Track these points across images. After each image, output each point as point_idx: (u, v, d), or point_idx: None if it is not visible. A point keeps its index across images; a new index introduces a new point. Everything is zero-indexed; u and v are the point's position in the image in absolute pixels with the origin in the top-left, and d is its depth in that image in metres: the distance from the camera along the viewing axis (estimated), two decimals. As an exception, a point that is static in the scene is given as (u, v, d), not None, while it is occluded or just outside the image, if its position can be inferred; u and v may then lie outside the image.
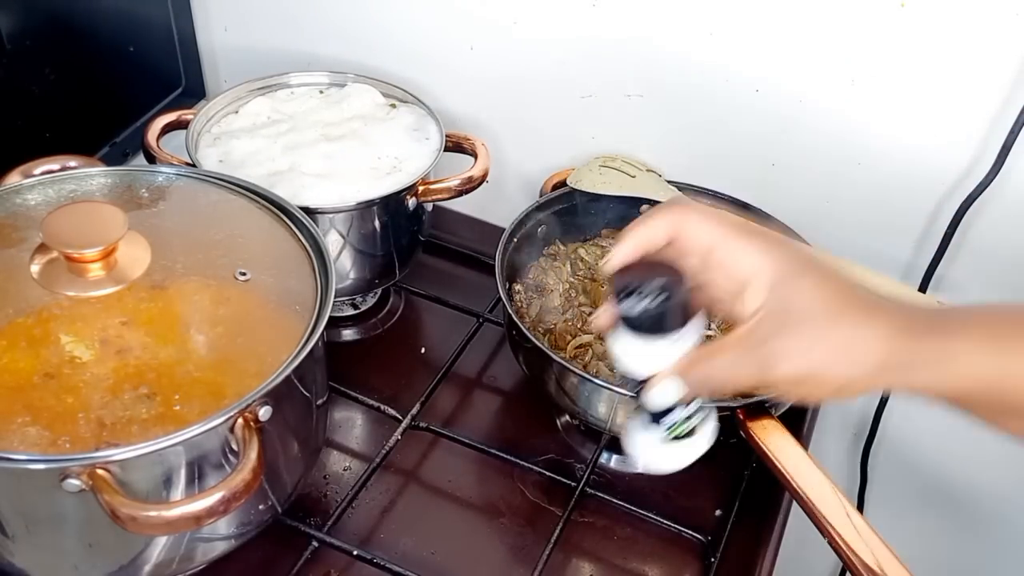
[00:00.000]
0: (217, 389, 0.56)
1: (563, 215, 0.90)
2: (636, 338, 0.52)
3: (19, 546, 0.58)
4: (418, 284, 0.96)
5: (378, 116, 0.92)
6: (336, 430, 0.82)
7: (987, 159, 0.78)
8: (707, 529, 0.76)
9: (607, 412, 0.74)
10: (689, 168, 0.92)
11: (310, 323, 0.61)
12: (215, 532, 0.62)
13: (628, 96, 0.91)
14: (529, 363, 0.80)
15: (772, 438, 0.70)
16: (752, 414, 0.71)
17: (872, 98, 0.81)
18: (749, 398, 0.73)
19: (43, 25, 0.85)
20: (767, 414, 0.71)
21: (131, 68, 0.98)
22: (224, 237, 0.67)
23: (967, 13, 0.74)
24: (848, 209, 0.87)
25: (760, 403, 0.72)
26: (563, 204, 0.90)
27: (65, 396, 0.54)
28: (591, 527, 0.76)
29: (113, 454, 0.52)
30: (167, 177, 0.72)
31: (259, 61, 1.04)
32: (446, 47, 0.96)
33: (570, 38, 0.90)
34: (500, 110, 0.99)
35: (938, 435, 0.98)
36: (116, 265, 0.61)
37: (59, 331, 0.57)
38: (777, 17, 0.81)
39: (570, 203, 0.90)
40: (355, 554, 0.70)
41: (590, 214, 0.92)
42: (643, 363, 0.53)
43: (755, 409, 0.71)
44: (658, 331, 0.51)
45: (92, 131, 0.95)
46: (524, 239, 0.87)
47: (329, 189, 0.81)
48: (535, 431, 0.84)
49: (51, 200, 0.67)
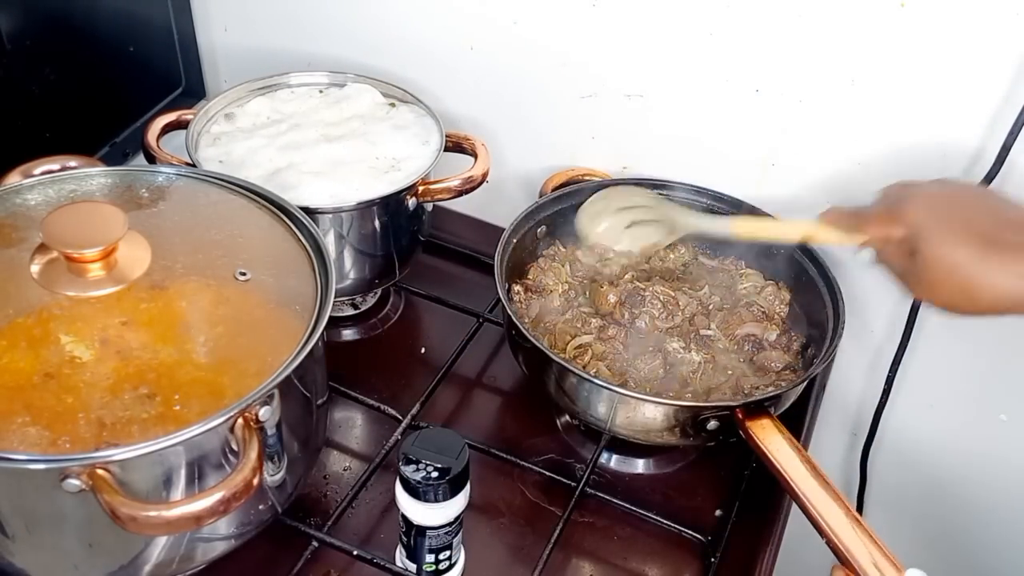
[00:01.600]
0: (217, 389, 0.56)
1: (563, 215, 0.90)
2: (411, 498, 0.63)
3: (19, 546, 0.58)
4: (418, 284, 0.96)
5: (378, 116, 0.92)
6: (336, 430, 0.82)
7: (987, 159, 0.78)
8: (707, 529, 0.76)
9: (607, 412, 0.74)
10: (689, 168, 0.92)
11: (310, 323, 0.61)
12: (215, 532, 0.62)
13: (628, 96, 0.91)
14: (529, 363, 0.80)
15: (770, 438, 0.70)
16: (751, 414, 0.71)
17: (872, 98, 0.81)
18: (749, 397, 0.74)
19: (43, 25, 0.85)
20: (766, 414, 0.72)
21: (131, 68, 0.98)
22: (224, 237, 0.67)
23: (967, 13, 0.74)
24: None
25: (759, 403, 0.72)
26: (563, 204, 0.90)
27: (65, 396, 0.54)
28: (591, 527, 0.76)
29: (113, 454, 0.52)
30: (167, 177, 0.72)
31: (259, 61, 1.04)
32: (446, 47, 0.96)
33: (570, 38, 0.90)
34: (500, 110, 0.99)
35: (938, 435, 0.98)
36: (116, 265, 0.61)
37: (59, 331, 0.57)
38: (777, 17, 0.81)
39: (569, 204, 0.90)
40: (355, 554, 0.70)
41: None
42: (416, 515, 0.64)
43: (754, 409, 0.72)
44: (428, 499, 0.62)
45: (92, 131, 0.95)
46: (524, 239, 0.87)
47: (329, 189, 0.82)
48: (535, 431, 0.84)
49: (51, 200, 0.67)
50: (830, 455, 1.06)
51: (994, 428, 0.93)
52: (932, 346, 0.91)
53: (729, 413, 0.71)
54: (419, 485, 0.62)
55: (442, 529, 0.64)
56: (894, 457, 1.02)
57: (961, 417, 0.96)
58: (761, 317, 0.84)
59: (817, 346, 0.81)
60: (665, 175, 0.93)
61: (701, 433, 0.73)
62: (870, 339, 0.94)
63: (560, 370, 0.74)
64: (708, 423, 0.72)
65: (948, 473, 1.00)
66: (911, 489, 1.04)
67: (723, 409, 0.72)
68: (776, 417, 0.72)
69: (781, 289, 0.87)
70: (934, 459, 1.00)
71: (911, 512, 1.05)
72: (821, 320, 0.81)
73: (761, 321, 0.84)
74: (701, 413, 0.72)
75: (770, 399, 0.73)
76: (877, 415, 0.96)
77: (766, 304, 0.86)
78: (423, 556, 0.66)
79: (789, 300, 0.87)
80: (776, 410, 0.74)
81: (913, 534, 1.07)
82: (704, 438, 0.74)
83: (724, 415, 0.72)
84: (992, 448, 0.95)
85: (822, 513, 0.65)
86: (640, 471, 0.82)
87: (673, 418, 0.73)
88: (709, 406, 0.72)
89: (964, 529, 1.03)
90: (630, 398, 0.72)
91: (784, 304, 0.86)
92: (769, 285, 0.88)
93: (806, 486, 0.67)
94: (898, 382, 0.93)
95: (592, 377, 0.73)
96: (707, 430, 0.72)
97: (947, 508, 1.03)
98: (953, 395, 0.95)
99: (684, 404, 0.74)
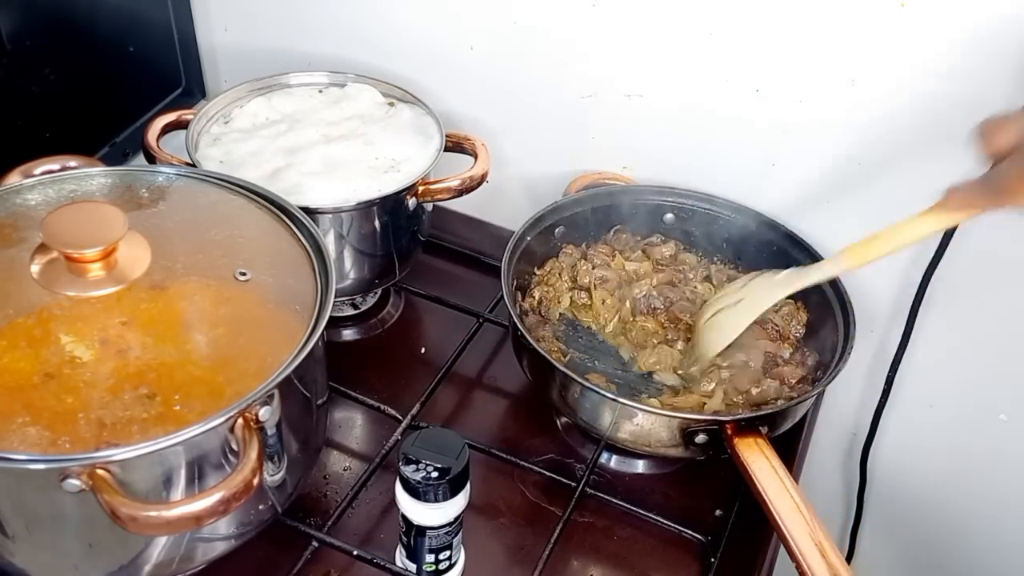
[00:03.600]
0: (217, 389, 0.56)
1: (572, 220, 0.90)
2: (411, 498, 0.63)
3: (19, 546, 0.58)
4: (418, 284, 0.96)
5: (378, 116, 0.92)
6: (336, 430, 0.82)
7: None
8: (707, 529, 0.76)
9: (596, 415, 0.74)
10: (689, 168, 0.92)
11: (310, 323, 0.61)
12: (215, 532, 0.62)
13: (628, 96, 0.91)
14: (533, 369, 0.79)
15: (756, 458, 0.68)
16: (741, 430, 0.70)
17: (872, 98, 0.81)
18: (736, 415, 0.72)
19: (43, 25, 0.85)
20: (756, 432, 0.70)
21: (131, 68, 0.98)
22: (224, 237, 0.67)
23: (967, 13, 0.74)
24: (848, 209, 0.87)
25: (751, 420, 0.70)
26: (575, 209, 0.90)
27: (65, 396, 0.54)
28: (591, 527, 0.76)
29: (113, 454, 0.52)
30: (167, 177, 0.72)
31: (259, 61, 1.04)
32: (446, 47, 0.96)
33: (570, 38, 0.90)
34: (500, 110, 0.99)
35: (938, 435, 0.98)
36: (116, 265, 0.61)
37: (59, 331, 0.57)
38: (777, 17, 0.81)
39: (587, 207, 0.90)
40: (355, 554, 0.70)
41: (595, 220, 0.91)
42: (416, 515, 0.64)
43: (745, 426, 0.70)
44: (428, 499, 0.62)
45: (92, 131, 0.95)
46: (531, 243, 0.87)
47: (329, 189, 0.81)
48: (535, 431, 0.84)
49: (51, 200, 0.67)
50: (830, 455, 1.06)
51: (994, 428, 0.93)
52: (932, 346, 0.91)
53: (718, 428, 0.70)
54: (419, 485, 0.62)
55: (442, 529, 0.64)
56: (894, 457, 1.02)
57: (961, 417, 0.96)
58: (775, 336, 0.83)
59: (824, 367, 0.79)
60: (665, 175, 0.93)
61: (690, 446, 0.72)
62: (870, 339, 0.94)
63: (563, 378, 0.74)
64: (696, 436, 0.71)
65: (948, 473, 1.00)
66: (911, 489, 1.04)
67: (712, 424, 0.71)
68: (766, 437, 0.70)
69: (800, 310, 0.86)
70: (934, 459, 1.00)
71: (911, 512, 1.05)
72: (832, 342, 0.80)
73: (775, 340, 0.83)
74: (690, 426, 0.71)
75: (761, 418, 0.71)
76: (877, 415, 0.96)
77: (782, 323, 0.84)
78: (423, 556, 0.66)
79: (807, 321, 0.85)
80: (768, 430, 0.71)
81: (913, 534, 1.07)
82: (694, 451, 0.73)
83: (712, 429, 0.71)
84: (992, 448, 0.95)
85: (798, 542, 0.63)
86: (640, 471, 0.82)
87: (664, 429, 0.72)
88: (698, 419, 0.71)
89: (964, 529, 1.03)
90: (624, 406, 0.72)
91: (801, 325, 0.85)
92: (787, 304, 0.85)
93: (786, 513, 0.65)
94: (898, 382, 0.93)
95: (584, 381, 0.72)
96: (695, 443, 0.71)
97: (947, 508, 1.03)
98: (953, 395, 0.95)
99: (672, 415, 0.72)
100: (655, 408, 0.73)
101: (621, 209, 0.91)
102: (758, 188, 0.90)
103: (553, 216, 0.88)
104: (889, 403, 0.95)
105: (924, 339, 0.90)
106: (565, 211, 0.89)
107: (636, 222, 0.92)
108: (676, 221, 0.92)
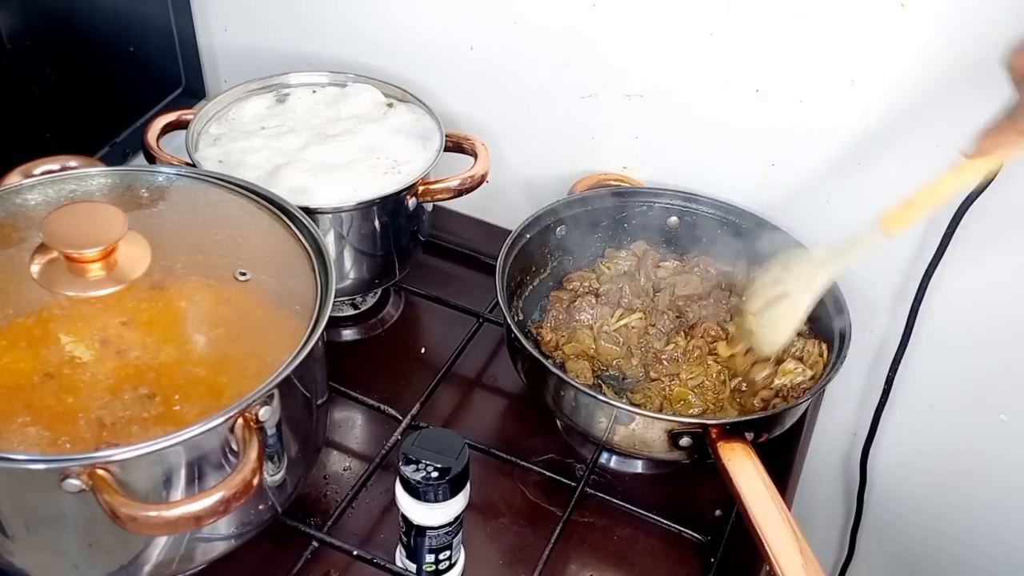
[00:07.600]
0: (217, 389, 0.56)
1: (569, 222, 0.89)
2: (411, 498, 0.63)
3: (19, 546, 0.58)
4: (418, 284, 0.96)
5: (378, 116, 0.92)
6: (336, 430, 0.82)
7: (987, 159, 0.78)
8: (707, 529, 0.76)
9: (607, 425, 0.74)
10: (689, 168, 0.92)
11: (310, 323, 0.61)
12: (215, 532, 0.62)
13: (628, 96, 0.91)
14: (528, 373, 0.79)
15: (739, 463, 0.68)
16: (725, 435, 0.69)
17: (872, 98, 0.81)
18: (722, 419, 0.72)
19: (43, 25, 0.85)
20: (740, 437, 0.70)
21: (131, 68, 0.98)
22: (224, 237, 0.67)
23: (967, 13, 0.74)
24: (848, 209, 0.87)
25: (736, 424, 0.70)
26: (573, 210, 0.89)
27: (65, 396, 0.54)
28: (591, 527, 0.76)
29: (113, 454, 0.52)
30: (167, 177, 0.72)
31: (259, 61, 1.04)
32: (446, 47, 0.96)
33: (570, 38, 0.90)
34: (500, 110, 0.99)
35: (938, 435, 0.98)
36: (116, 265, 0.61)
37: (59, 331, 0.57)
38: (777, 17, 0.81)
39: (583, 209, 0.90)
40: (355, 554, 0.70)
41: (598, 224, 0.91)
42: (416, 515, 0.64)
43: (730, 430, 0.70)
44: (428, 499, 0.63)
45: (92, 131, 0.95)
46: (529, 243, 0.87)
47: (329, 189, 0.82)
48: (535, 431, 0.84)
49: (51, 200, 0.67)
50: (830, 456, 1.06)
51: (994, 428, 0.93)
52: (932, 346, 0.91)
53: (702, 432, 0.70)
54: (419, 485, 0.62)
55: (442, 529, 0.64)
56: (894, 457, 1.02)
57: (961, 417, 0.96)
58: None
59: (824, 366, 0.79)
60: (665, 175, 0.93)
61: (675, 448, 0.72)
62: (870, 339, 0.94)
63: (558, 382, 0.74)
64: (681, 439, 0.71)
65: (948, 474, 1.00)
66: (911, 490, 1.04)
67: (696, 427, 0.70)
68: (752, 444, 0.69)
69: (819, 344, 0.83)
70: (934, 459, 1.00)
71: (911, 512, 1.05)
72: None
73: None
74: (674, 428, 0.71)
75: (746, 423, 0.70)
76: (877, 415, 0.96)
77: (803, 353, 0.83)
78: (423, 556, 0.66)
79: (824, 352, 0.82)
80: (752, 436, 0.70)
81: (913, 534, 1.07)
82: (680, 454, 0.72)
83: (696, 433, 0.70)
84: (992, 448, 0.95)
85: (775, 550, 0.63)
86: (640, 471, 0.82)
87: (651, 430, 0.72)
88: (682, 421, 0.71)
89: (964, 530, 1.03)
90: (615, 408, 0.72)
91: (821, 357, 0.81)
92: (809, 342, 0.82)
93: (765, 520, 0.64)
94: (898, 382, 0.93)
95: (590, 390, 0.72)
96: (680, 446, 0.71)
97: (947, 508, 1.03)
98: (953, 395, 0.95)
99: (657, 417, 0.72)
100: (642, 411, 0.73)
101: (621, 210, 0.91)
102: (758, 187, 0.90)
103: (551, 216, 0.88)
104: (889, 403, 0.95)
105: (924, 339, 0.90)
106: (564, 211, 0.89)
107: (637, 223, 0.92)
108: (680, 225, 0.92)
